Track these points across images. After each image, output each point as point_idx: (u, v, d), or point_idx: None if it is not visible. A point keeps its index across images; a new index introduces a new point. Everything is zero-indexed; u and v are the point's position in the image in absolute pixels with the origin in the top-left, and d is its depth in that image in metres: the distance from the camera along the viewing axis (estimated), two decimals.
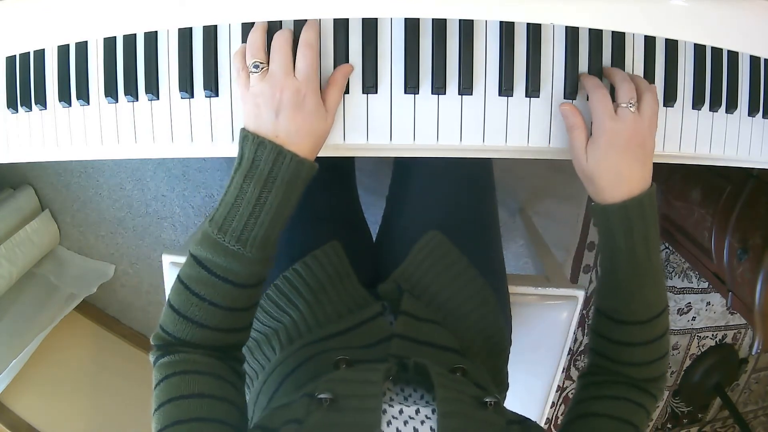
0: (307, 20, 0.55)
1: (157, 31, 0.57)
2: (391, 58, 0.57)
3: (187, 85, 0.57)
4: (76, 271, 1.72)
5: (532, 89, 0.58)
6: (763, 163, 0.67)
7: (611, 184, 0.55)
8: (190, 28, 0.57)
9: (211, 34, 0.57)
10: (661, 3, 0.56)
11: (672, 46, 0.61)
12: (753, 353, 1.68)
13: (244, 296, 0.53)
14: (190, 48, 0.57)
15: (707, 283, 1.80)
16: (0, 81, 0.63)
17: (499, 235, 0.81)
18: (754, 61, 0.64)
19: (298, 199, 0.53)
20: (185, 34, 0.57)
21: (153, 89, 0.58)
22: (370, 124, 0.58)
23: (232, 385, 0.53)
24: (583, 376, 0.65)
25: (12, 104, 0.63)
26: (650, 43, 0.60)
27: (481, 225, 0.78)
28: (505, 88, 0.58)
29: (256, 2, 0.54)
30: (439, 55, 0.57)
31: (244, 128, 0.52)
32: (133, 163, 1.63)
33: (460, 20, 0.56)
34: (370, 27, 0.56)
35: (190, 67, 0.57)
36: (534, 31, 0.57)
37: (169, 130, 0.59)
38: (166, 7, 0.55)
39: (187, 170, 1.63)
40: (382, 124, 0.58)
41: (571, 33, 0.58)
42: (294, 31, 0.55)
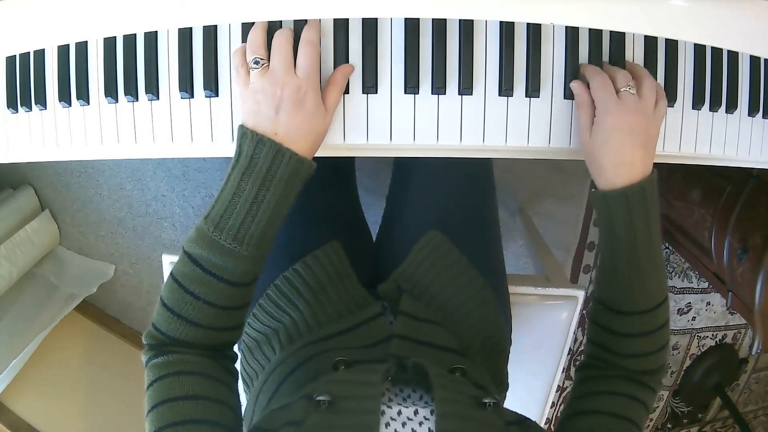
0: (307, 20, 0.55)
1: (157, 31, 0.57)
2: (391, 58, 0.57)
3: (187, 85, 0.57)
4: (76, 271, 1.72)
5: (532, 89, 0.58)
6: (763, 163, 0.67)
7: (613, 166, 0.55)
8: (190, 28, 0.57)
9: (211, 34, 0.57)
10: (661, 3, 0.56)
11: (672, 46, 0.61)
12: (753, 353, 1.68)
13: (239, 295, 0.53)
14: (190, 48, 0.57)
15: (707, 283, 1.80)
16: (0, 81, 0.63)
17: (499, 235, 0.81)
18: (754, 61, 0.64)
19: (296, 198, 0.53)
20: (185, 34, 0.57)
21: (153, 89, 0.58)
22: (370, 124, 0.58)
23: (226, 385, 0.53)
24: (581, 370, 0.65)
25: (12, 104, 0.63)
26: (650, 43, 0.60)
27: (481, 225, 0.78)
28: (505, 88, 0.58)
29: (256, 2, 0.54)
30: (439, 55, 0.57)
31: (242, 125, 0.52)
32: (133, 163, 1.63)
33: (460, 20, 0.57)
34: (370, 27, 0.56)
35: (190, 67, 0.57)
36: (534, 31, 0.57)
37: (169, 130, 0.59)
38: (166, 7, 0.55)
39: (187, 170, 1.63)
40: (382, 124, 0.58)
41: (571, 33, 0.58)
42: (294, 31, 0.55)
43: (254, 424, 0.47)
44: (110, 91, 0.59)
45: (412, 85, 0.57)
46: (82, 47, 0.59)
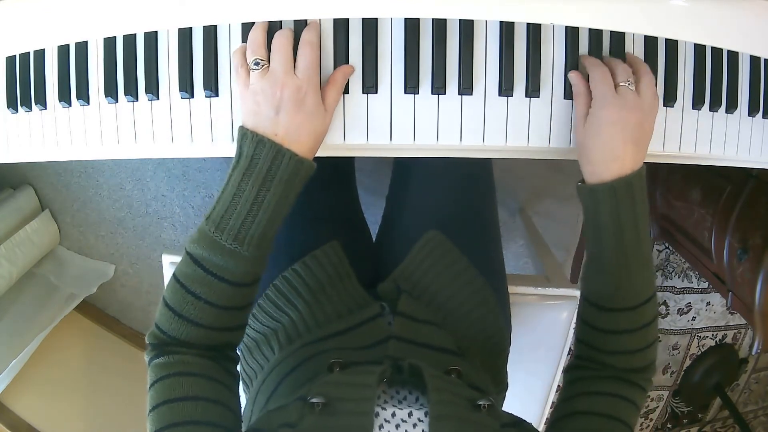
0: (307, 21, 0.55)
1: (157, 31, 0.57)
2: (391, 58, 0.57)
3: (187, 85, 0.57)
4: (76, 271, 1.72)
5: (532, 89, 0.58)
6: (763, 163, 0.67)
7: (603, 160, 0.54)
8: (190, 28, 0.57)
9: (211, 34, 0.57)
10: (661, 3, 0.56)
11: (672, 46, 0.61)
12: (753, 353, 1.68)
13: (240, 295, 0.53)
14: (190, 48, 0.57)
15: (707, 283, 1.80)
16: (0, 81, 0.63)
17: (498, 235, 0.81)
18: (754, 61, 0.64)
19: (296, 198, 0.53)
20: (185, 34, 0.57)
21: (153, 89, 0.58)
22: (370, 124, 0.58)
23: (226, 386, 0.53)
24: (569, 371, 0.64)
25: (12, 104, 0.63)
26: (650, 43, 0.60)
27: (481, 225, 0.78)
28: (505, 88, 0.58)
29: (256, 2, 0.54)
30: (439, 55, 0.57)
31: (242, 126, 0.52)
32: (133, 163, 1.63)
33: (460, 20, 0.56)
34: (370, 27, 0.56)
35: (190, 67, 0.57)
36: (534, 31, 0.57)
37: (169, 130, 0.59)
38: (166, 7, 0.55)
39: (187, 170, 1.63)
40: (382, 124, 0.58)
41: (571, 33, 0.58)
42: (294, 31, 0.55)
43: (251, 425, 0.48)
44: (110, 91, 0.59)
45: (412, 85, 0.57)
46: (82, 47, 0.59)
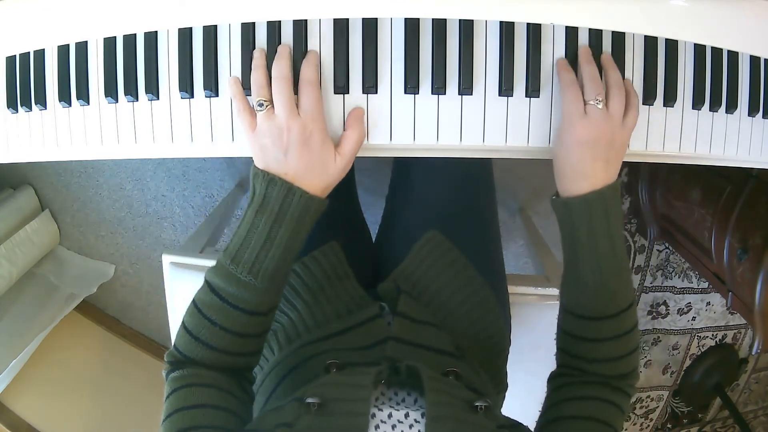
0: (306, 54, 0.55)
1: (157, 31, 0.57)
2: (391, 58, 0.57)
3: (187, 85, 0.57)
4: (76, 271, 1.72)
5: (532, 89, 0.58)
6: (763, 163, 0.67)
7: (572, 177, 0.55)
8: (190, 28, 0.57)
9: (211, 34, 0.57)
10: (661, 3, 0.56)
11: (672, 46, 0.61)
12: (753, 353, 1.68)
13: (253, 323, 0.56)
14: (190, 48, 0.57)
15: (707, 283, 1.80)
16: (0, 81, 0.63)
17: (498, 235, 0.81)
18: (754, 61, 0.64)
19: (308, 233, 0.56)
20: (185, 34, 0.57)
21: (153, 89, 0.58)
22: (370, 124, 0.58)
23: (235, 397, 0.54)
24: (553, 379, 0.65)
25: (12, 104, 0.63)
26: (650, 43, 0.60)
27: (481, 225, 0.78)
28: (505, 88, 0.58)
29: (256, 2, 0.54)
30: (439, 55, 0.57)
31: (254, 165, 0.54)
32: (133, 163, 1.63)
33: (460, 20, 0.57)
34: (370, 27, 0.56)
35: (190, 67, 0.58)
36: (534, 31, 0.57)
37: (169, 130, 0.59)
38: (166, 7, 0.55)
39: (187, 170, 1.63)
40: (382, 124, 0.58)
41: (571, 33, 0.58)
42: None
43: (248, 426, 0.49)
44: (110, 91, 0.59)
45: (412, 85, 0.57)
46: (82, 47, 0.59)
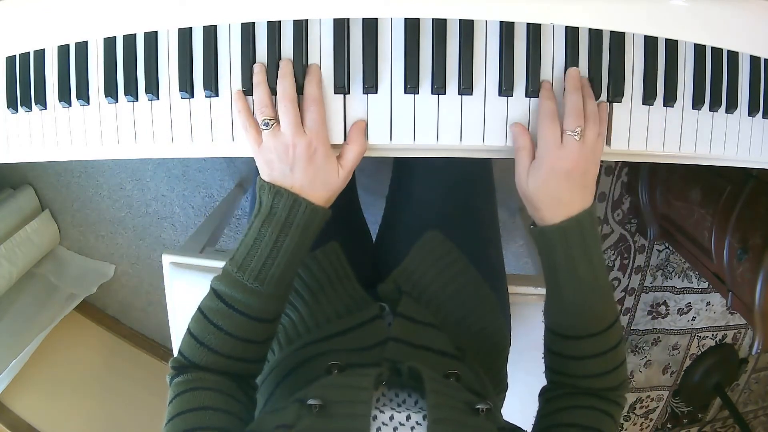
0: (307, 70, 0.56)
1: (157, 31, 0.57)
2: (391, 58, 0.57)
3: (187, 85, 0.57)
4: (76, 271, 1.72)
5: (532, 89, 0.58)
6: (763, 163, 0.67)
7: (549, 208, 0.56)
8: (190, 28, 0.57)
9: (211, 34, 0.57)
10: (662, 3, 0.56)
11: (672, 46, 0.61)
12: (753, 353, 1.68)
13: (258, 329, 0.57)
14: (190, 48, 0.57)
15: (707, 283, 1.80)
16: (0, 81, 0.63)
17: (498, 235, 0.81)
18: (754, 61, 0.64)
19: (312, 242, 0.57)
20: (185, 34, 0.57)
21: (153, 89, 0.58)
22: (370, 125, 0.58)
23: (238, 400, 0.55)
24: (545, 393, 0.65)
25: (12, 104, 0.63)
26: (650, 43, 0.60)
27: (481, 225, 0.78)
28: (505, 88, 0.58)
29: (256, 2, 0.54)
30: (439, 55, 0.57)
31: (260, 177, 0.56)
32: (133, 163, 1.63)
33: (460, 20, 0.56)
34: (370, 27, 0.56)
35: (190, 67, 0.58)
36: (534, 31, 0.57)
37: (169, 130, 0.59)
38: (166, 7, 0.55)
39: (187, 170, 1.63)
40: (382, 124, 0.58)
41: (571, 33, 0.58)
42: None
43: (249, 427, 0.49)
44: (110, 91, 0.59)
45: (412, 85, 0.57)
46: (82, 47, 0.59)
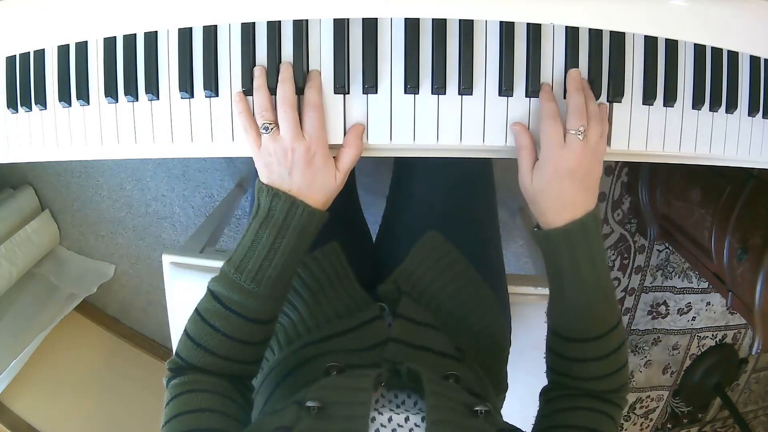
0: (308, 76, 0.56)
1: (157, 31, 0.57)
2: (391, 58, 0.57)
3: (187, 85, 0.57)
4: (76, 271, 1.72)
5: (532, 89, 0.58)
6: (763, 163, 0.67)
7: (554, 209, 0.56)
8: (190, 28, 0.57)
9: (211, 34, 0.57)
10: (662, 3, 0.56)
11: (672, 46, 0.61)
12: (753, 353, 1.68)
13: (254, 331, 0.57)
14: (190, 48, 0.57)
15: (707, 283, 1.80)
16: (0, 81, 0.63)
17: (498, 235, 0.81)
18: (754, 61, 0.64)
19: (309, 245, 0.58)
20: (185, 34, 0.57)
21: (153, 89, 0.58)
22: (370, 125, 0.58)
23: (235, 402, 0.55)
24: (545, 393, 0.65)
25: (12, 104, 0.63)
26: (650, 43, 0.60)
27: (481, 225, 0.78)
28: (505, 88, 0.58)
29: (256, 2, 0.54)
30: (439, 55, 0.57)
31: (259, 180, 0.56)
32: (133, 163, 1.63)
33: (460, 20, 0.57)
34: (370, 27, 0.56)
35: (190, 67, 0.58)
36: (534, 31, 0.57)
37: (169, 130, 0.59)
38: (166, 7, 0.55)
39: (187, 170, 1.63)
40: (382, 124, 0.58)
41: (571, 33, 0.58)
42: (295, 32, 0.55)
43: (247, 429, 0.49)
44: (110, 91, 0.59)
45: (412, 85, 0.57)
46: (82, 47, 0.59)
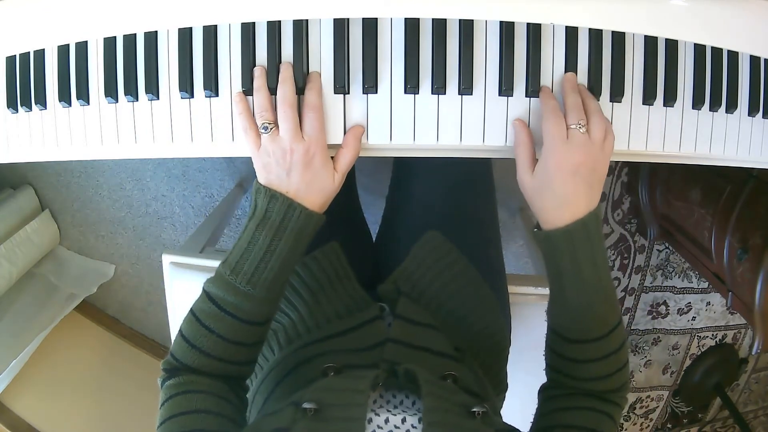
0: (308, 78, 0.56)
1: (157, 31, 0.57)
2: (391, 58, 0.57)
3: (187, 85, 0.57)
4: (76, 271, 1.72)
5: (532, 89, 0.58)
6: (763, 163, 0.67)
7: (555, 207, 0.54)
8: (190, 28, 0.57)
9: (211, 34, 0.57)
10: (662, 3, 0.56)
11: (672, 46, 0.61)
12: (753, 353, 1.68)
13: (249, 332, 0.57)
14: (190, 48, 0.57)
15: (707, 283, 1.80)
16: (0, 81, 0.63)
17: (498, 235, 0.81)
18: (754, 61, 0.64)
19: (306, 247, 0.57)
20: (185, 34, 0.57)
21: (153, 89, 0.58)
22: (370, 125, 0.58)
23: (230, 402, 0.55)
24: (544, 390, 0.65)
25: (12, 104, 0.63)
26: (650, 43, 0.60)
27: (481, 225, 0.78)
28: (505, 88, 0.58)
29: (256, 2, 0.54)
30: (439, 55, 0.57)
31: (257, 180, 0.56)
32: (133, 163, 1.63)
33: (460, 20, 0.57)
34: (370, 27, 0.56)
35: (190, 67, 0.58)
36: (534, 31, 0.57)
37: (169, 130, 0.59)
38: (166, 7, 0.55)
39: (187, 170, 1.63)
40: (382, 124, 0.58)
41: (571, 33, 0.58)
42: (295, 32, 0.55)
43: (244, 430, 0.49)
44: (110, 91, 0.59)
45: (412, 85, 0.57)
46: (82, 47, 0.59)
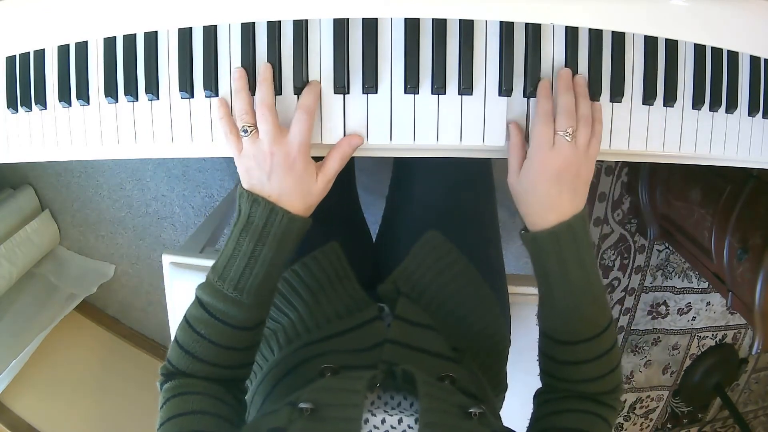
0: (310, 82, 0.56)
1: (157, 31, 0.57)
2: (391, 58, 0.57)
3: (187, 85, 0.57)
4: (76, 271, 1.72)
5: (532, 89, 0.58)
6: (763, 163, 0.67)
7: (539, 211, 0.55)
8: (190, 28, 0.57)
9: (211, 34, 0.57)
10: (662, 3, 0.56)
11: (672, 46, 0.61)
12: (753, 353, 1.68)
13: (240, 337, 0.57)
14: (190, 48, 0.57)
15: (707, 283, 1.80)
16: (0, 81, 0.63)
17: (498, 235, 0.81)
18: (754, 61, 0.64)
19: (292, 252, 0.57)
20: (185, 34, 0.57)
21: (153, 89, 0.58)
22: (370, 125, 0.58)
23: (227, 404, 0.55)
24: (539, 395, 0.65)
25: (12, 104, 0.63)
26: (650, 43, 0.60)
27: (481, 225, 0.78)
28: (505, 89, 0.58)
29: (256, 2, 0.54)
30: (439, 55, 0.57)
31: (240, 185, 0.55)
32: (133, 163, 1.63)
33: (460, 20, 0.56)
34: (370, 27, 0.56)
35: (190, 67, 0.58)
36: (534, 31, 0.57)
37: (169, 130, 0.59)
38: (166, 7, 0.55)
39: (187, 170, 1.63)
40: (382, 124, 0.58)
41: (571, 33, 0.58)
42: (294, 31, 0.55)
43: (242, 430, 0.49)
44: (110, 91, 0.59)
45: (412, 85, 0.57)
46: (82, 47, 0.59)
